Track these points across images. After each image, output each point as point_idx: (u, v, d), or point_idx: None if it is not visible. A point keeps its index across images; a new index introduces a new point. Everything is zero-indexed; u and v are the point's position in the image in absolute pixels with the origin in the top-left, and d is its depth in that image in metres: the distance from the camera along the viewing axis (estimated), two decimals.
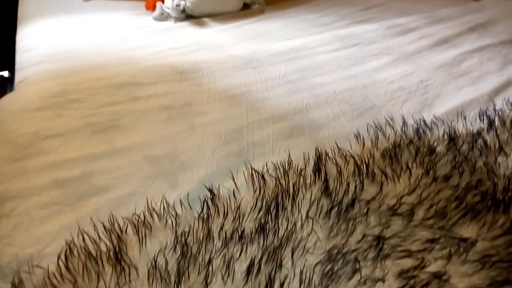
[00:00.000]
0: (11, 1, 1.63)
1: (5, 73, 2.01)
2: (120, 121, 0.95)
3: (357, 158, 0.84)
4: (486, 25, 1.39)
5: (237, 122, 0.98)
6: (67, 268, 0.62)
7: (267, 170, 0.83)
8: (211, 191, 0.76)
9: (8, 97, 1.04)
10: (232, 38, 1.42)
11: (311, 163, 0.84)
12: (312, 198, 0.74)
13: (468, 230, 0.70)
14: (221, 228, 0.68)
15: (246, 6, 1.60)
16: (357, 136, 0.93)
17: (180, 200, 0.75)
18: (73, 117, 0.95)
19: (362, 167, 0.82)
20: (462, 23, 1.39)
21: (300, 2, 1.65)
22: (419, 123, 0.96)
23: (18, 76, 1.22)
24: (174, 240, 0.66)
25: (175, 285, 0.60)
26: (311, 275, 0.61)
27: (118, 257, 0.63)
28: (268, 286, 0.60)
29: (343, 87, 1.11)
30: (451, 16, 1.44)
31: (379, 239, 0.67)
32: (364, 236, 0.68)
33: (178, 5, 1.47)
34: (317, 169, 0.81)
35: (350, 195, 0.76)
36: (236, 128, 0.97)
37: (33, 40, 1.33)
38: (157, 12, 1.49)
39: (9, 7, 1.62)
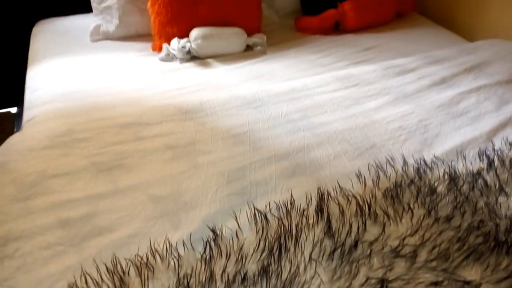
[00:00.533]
0: (24, 41, 1.70)
1: (14, 109, 2.06)
2: (125, 160, 0.97)
3: (359, 198, 0.85)
4: (481, 66, 1.43)
5: (240, 161, 1.00)
6: None
7: (270, 210, 0.83)
8: (214, 231, 0.77)
9: (15, 136, 1.07)
10: (235, 78, 1.46)
11: (313, 203, 0.85)
12: (315, 239, 0.74)
13: (471, 273, 0.70)
14: (224, 270, 0.68)
15: (249, 48, 1.66)
16: (359, 176, 0.94)
17: (183, 241, 0.75)
18: (79, 156, 0.97)
19: (364, 207, 0.83)
20: (458, 64, 1.43)
21: (301, 44, 1.71)
22: (419, 163, 0.97)
23: (26, 115, 1.25)
24: (177, 282, 0.66)
25: None
26: None
27: None
28: None
29: (343, 127, 1.13)
30: (448, 57, 1.48)
31: (383, 282, 0.67)
32: (367, 279, 0.67)
33: (183, 47, 1.53)
34: (319, 209, 0.81)
35: (353, 236, 0.76)
36: (239, 167, 0.98)
37: (42, 80, 1.38)
38: (163, 53, 1.55)
39: (22, 46, 1.69)
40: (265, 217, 0.80)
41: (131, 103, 1.28)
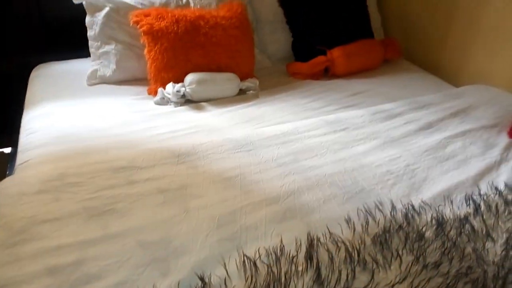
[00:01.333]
0: (22, 84, 1.74)
1: (8, 150, 2.07)
2: (116, 205, 0.97)
3: (348, 244, 0.86)
4: (466, 110, 1.49)
5: (230, 205, 1.01)
6: None
7: (259, 256, 0.83)
8: (202, 279, 0.76)
9: (7, 180, 1.08)
10: (228, 122, 1.50)
11: (303, 249, 0.85)
12: None
13: None
14: None
15: (242, 92, 1.71)
16: (348, 221, 0.95)
17: None
18: (70, 201, 0.97)
19: (353, 254, 0.83)
20: (444, 109, 1.48)
21: (292, 88, 1.76)
22: (407, 208, 0.99)
23: (19, 158, 1.26)
24: None
25: None
26: None
27: None
28: None
29: (333, 170, 1.15)
30: (434, 102, 1.54)
31: None
32: None
33: (178, 91, 1.58)
34: (309, 256, 0.82)
35: (342, 284, 0.76)
36: (229, 211, 0.99)
37: (38, 123, 1.40)
38: (158, 97, 1.59)
39: (20, 89, 1.73)
40: (254, 264, 0.80)
41: (125, 146, 1.30)
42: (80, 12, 1.70)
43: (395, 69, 1.97)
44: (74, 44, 1.87)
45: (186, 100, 1.62)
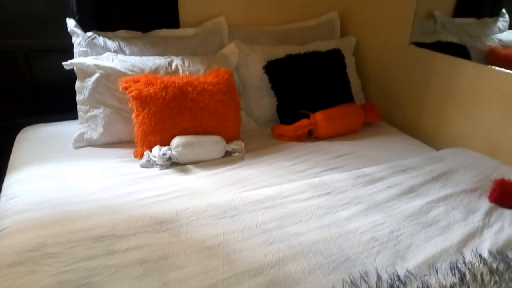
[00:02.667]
0: (9, 147, 1.74)
1: None
2: (93, 278, 0.94)
3: None
4: (447, 174, 1.52)
5: (213, 277, 0.98)
6: None
7: None
8: None
9: None
10: (214, 185, 1.50)
11: None
12: None
13: None
14: None
15: (228, 154, 1.73)
16: None
17: None
18: (46, 274, 0.94)
19: None
20: (425, 173, 1.52)
21: (277, 150, 1.80)
22: (393, 278, 0.97)
23: None
24: None
25: None
26: None
27: None
28: None
29: (317, 237, 1.14)
30: (415, 165, 1.58)
31: None
32: None
33: (164, 154, 1.59)
34: None
35: None
36: (211, 284, 0.96)
37: (19, 188, 1.38)
38: (144, 159, 1.60)
39: (6, 151, 1.72)
40: None
41: (107, 211, 1.28)
42: (71, 76, 1.75)
43: (376, 131, 2.03)
44: (63, 107, 1.91)
45: (172, 163, 1.63)
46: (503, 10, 1.85)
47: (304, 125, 1.91)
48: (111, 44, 1.86)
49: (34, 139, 1.75)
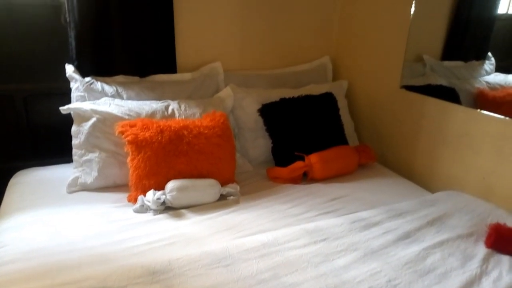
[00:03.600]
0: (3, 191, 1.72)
1: None
2: None
3: None
4: (442, 218, 1.52)
5: None
6: None
7: None
8: None
9: None
10: (208, 230, 1.48)
11: None
12: None
13: None
14: None
15: (223, 197, 1.72)
16: None
17: None
18: None
19: None
20: (420, 217, 1.51)
21: (272, 193, 1.79)
22: None
23: None
24: None
25: None
26: None
27: None
28: None
29: None
30: (410, 209, 1.57)
31: None
32: None
33: (158, 198, 1.58)
34: None
35: None
36: None
37: (8, 236, 1.35)
38: (137, 204, 1.58)
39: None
40: None
41: (99, 260, 1.25)
42: (68, 120, 1.76)
43: (370, 173, 2.04)
44: (58, 150, 1.91)
45: (166, 207, 1.61)
46: (489, 54, 1.91)
47: (299, 167, 1.92)
48: (108, 89, 1.89)
49: (27, 184, 1.74)
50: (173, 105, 1.91)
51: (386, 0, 2.21)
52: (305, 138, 2.04)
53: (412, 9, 2.06)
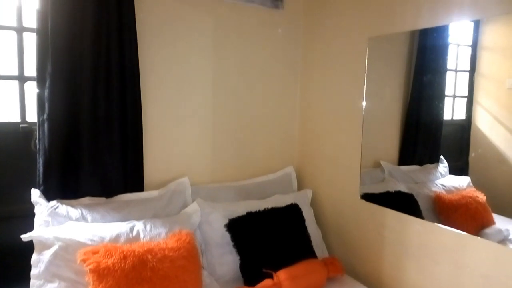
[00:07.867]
0: None
1: None
2: None
3: None
4: None
5: None
6: None
7: None
8: None
9: None
10: None
11: None
12: None
13: None
14: None
15: None
16: None
17: None
18: None
19: None
20: None
21: None
22: None
23: None
24: None
25: None
26: None
27: None
28: None
29: None
30: None
31: None
32: None
33: None
34: None
35: None
36: None
37: None
38: None
39: None
40: None
41: None
42: (29, 245, 1.71)
43: (340, 286, 2.02)
44: (16, 279, 1.82)
45: None
46: (441, 157, 2.03)
47: (267, 286, 1.89)
48: (73, 212, 1.88)
49: None
50: (138, 226, 1.91)
51: (339, 112, 2.40)
52: (273, 252, 2.05)
53: (362, 120, 2.22)
